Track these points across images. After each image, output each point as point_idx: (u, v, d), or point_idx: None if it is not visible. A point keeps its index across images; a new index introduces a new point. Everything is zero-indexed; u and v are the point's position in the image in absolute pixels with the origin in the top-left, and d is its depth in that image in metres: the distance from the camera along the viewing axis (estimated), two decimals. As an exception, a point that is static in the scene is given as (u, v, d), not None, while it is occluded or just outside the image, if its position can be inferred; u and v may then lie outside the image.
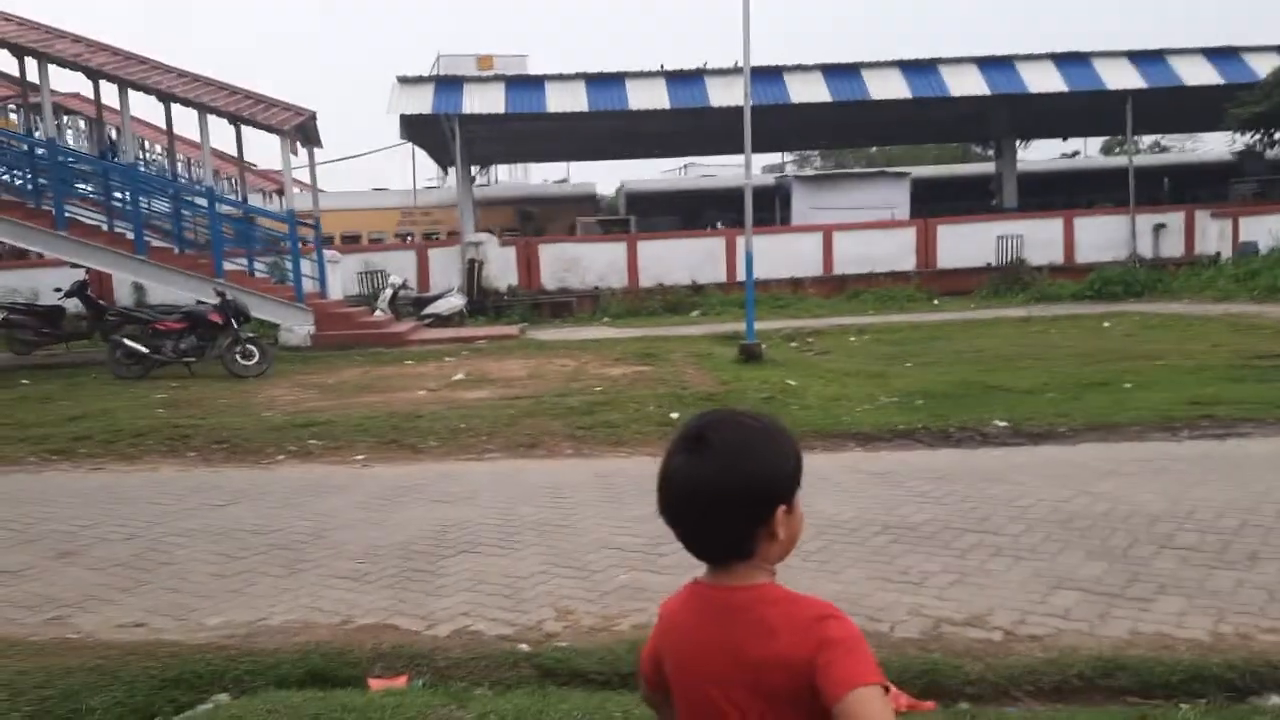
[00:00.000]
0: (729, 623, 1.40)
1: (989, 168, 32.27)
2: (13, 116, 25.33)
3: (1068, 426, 8.04)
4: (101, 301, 18.23)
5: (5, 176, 18.05)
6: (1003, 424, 8.19)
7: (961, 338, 14.96)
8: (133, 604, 4.79)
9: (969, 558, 4.87)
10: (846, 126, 29.82)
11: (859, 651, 1.33)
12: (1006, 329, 16.03)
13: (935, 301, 21.91)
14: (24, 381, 13.76)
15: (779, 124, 25.86)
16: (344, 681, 3.85)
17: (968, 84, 23.91)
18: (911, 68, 24.36)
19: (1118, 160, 33.23)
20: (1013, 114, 26.68)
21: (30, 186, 17.37)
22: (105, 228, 17.35)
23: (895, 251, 23.85)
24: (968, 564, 4.77)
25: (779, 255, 22.89)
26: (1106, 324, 16.05)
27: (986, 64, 24.35)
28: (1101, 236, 24.03)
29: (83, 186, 18.88)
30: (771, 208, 28.85)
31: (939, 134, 35.48)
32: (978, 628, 3.99)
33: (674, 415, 8.91)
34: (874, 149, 45.28)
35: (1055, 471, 6.62)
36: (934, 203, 28.62)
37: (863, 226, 24.28)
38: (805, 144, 40.68)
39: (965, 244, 23.83)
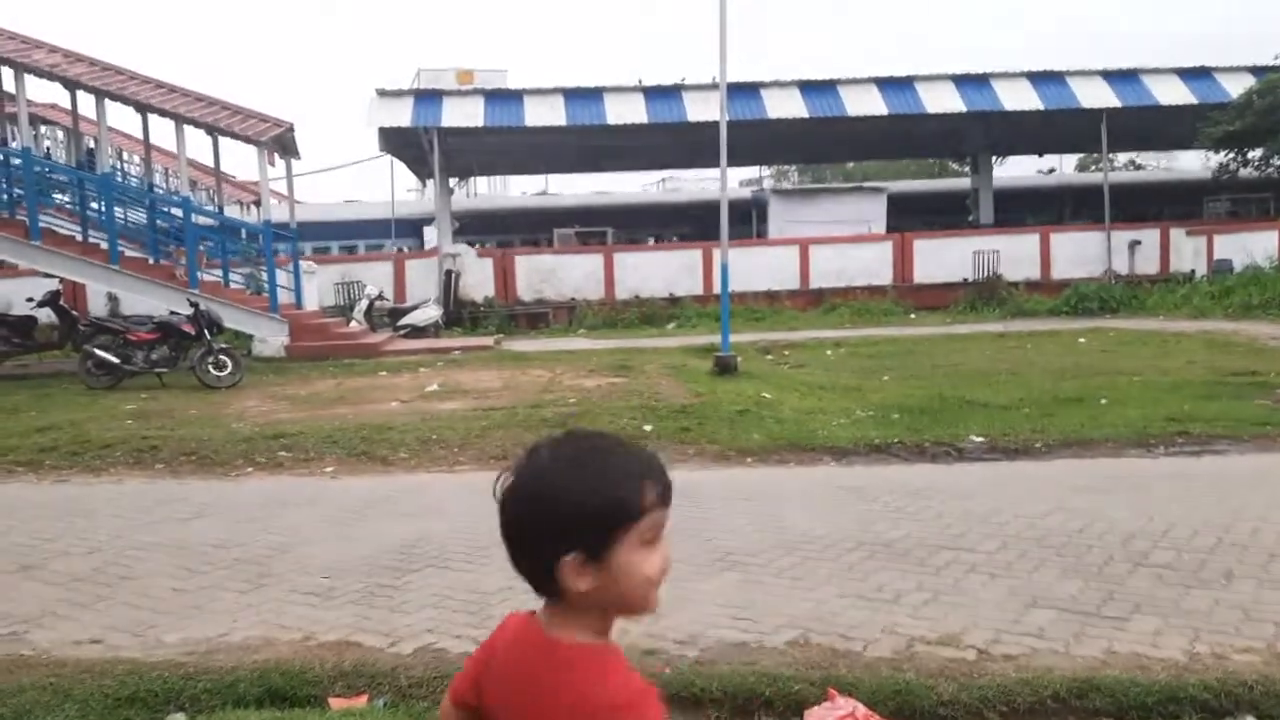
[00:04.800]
0: (539, 677, 1.26)
1: (966, 183, 32.54)
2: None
3: (1043, 442, 8.04)
4: (74, 311, 17.98)
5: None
6: (979, 439, 8.18)
7: (938, 352, 14.99)
8: (91, 620, 4.66)
9: (943, 575, 4.82)
10: (824, 142, 29.96)
11: None
12: (983, 344, 16.09)
13: (912, 315, 21.99)
14: (-10, 392, 13.52)
15: (756, 139, 25.97)
16: (304, 700, 3.75)
17: (944, 101, 24.09)
18: (888, 84, 24.52)
19: (1093, 177, 33.60)
20: (989, 131, 26.91)
21: (5, 197, 17.13)
22: (80, 238, 17.13)
23: (872, 265, 23.94)
24: (942, 582, 4.73)
25: (756, 268, 22.93)
26: (1082, 340, 16.15)
27: (963, 81, 24.55)
28: (1078, 253, 24.23)
29: (59, 196, 18.65)
30: (749, 221, 28.95)
31: (916, 150, 35.74)
32: (951, 647, 3.94)
33: (647, 428, 8.86)
34: (851, 164, 45.54)
35: (1031, 488, 6.60)
36: (911, 218, 28.81)
37: (840, 240, 24.38)
38: (783, 159, 40.87)
39: (942, 259, 23.96)
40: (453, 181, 30.27)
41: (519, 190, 46.30)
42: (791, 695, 3.54)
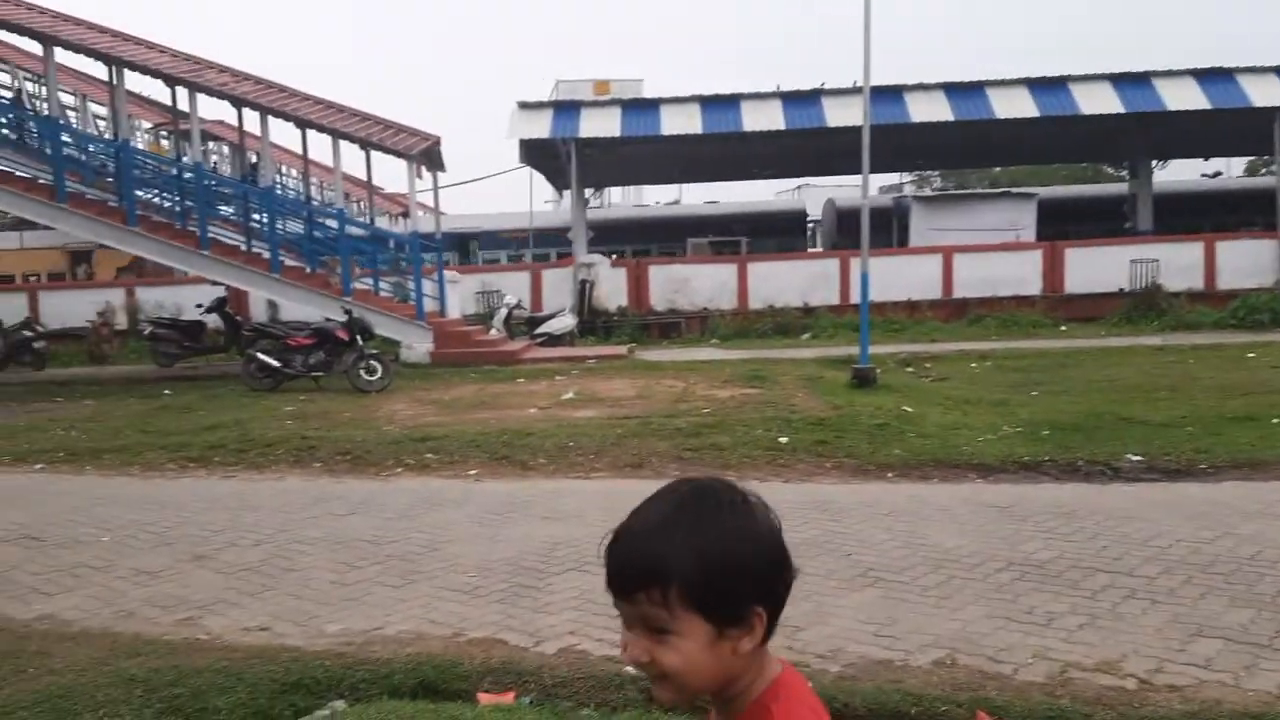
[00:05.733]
0: None
1: (1123, 188, 30.96)
2: (164, 143, 26.99)
3: (1209, 463, 7.57)
4: (238, 317, 19.19)
5: (156, 199, 19.21)
6: (1136, 458, 7.77)
7: (1091, 366, 14.30)
8: (258, 608, 4.97)
9: (1100, 599, 4.61)
10: (969, 146, 29.05)
11: None
12: (1140, 358, 15.25)
13: (1063, 328, 21.04)
14: (166, 392, 14.58)
15: (898, 144, 25.38)
16: (454, 694, 3.90)
17: (1100, 102, 22.96)
18: (1040, 86, 23.56)
19: (1264, 181, 31.41)
20: (1149, 133, 25.51)
21: (178, 209, 18.45)
22: (244, 247, 18.24)
23: (1020, 275, 23.02)
24: (1098, 606, 4.52)
25: (895, 277, 22.36)
26: (1251, 355, 15.08)
27: (1121, 81, 23.35)
28: (1246, 261, 22.63)
29: (224, 208, 19.92)
30: (889, 229, 28.34)
31: (1068, 154, 34.20)
32: (1109, 674, 3.76)
33: (783, 440, 8.78)
34: (997, 169, 43.98)
35: (1195, 510, 6.22)
36: (1062, 224, 27.60)
37: (985, 248, 23.54)
38: (925, 164, 39.83)
39: (1096, 268, 22.82)
40: (588, 192, 30.80)
41: (653, 200, 46.72)
42: (938, 716, 3.46)
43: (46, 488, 8.32)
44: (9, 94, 22.68)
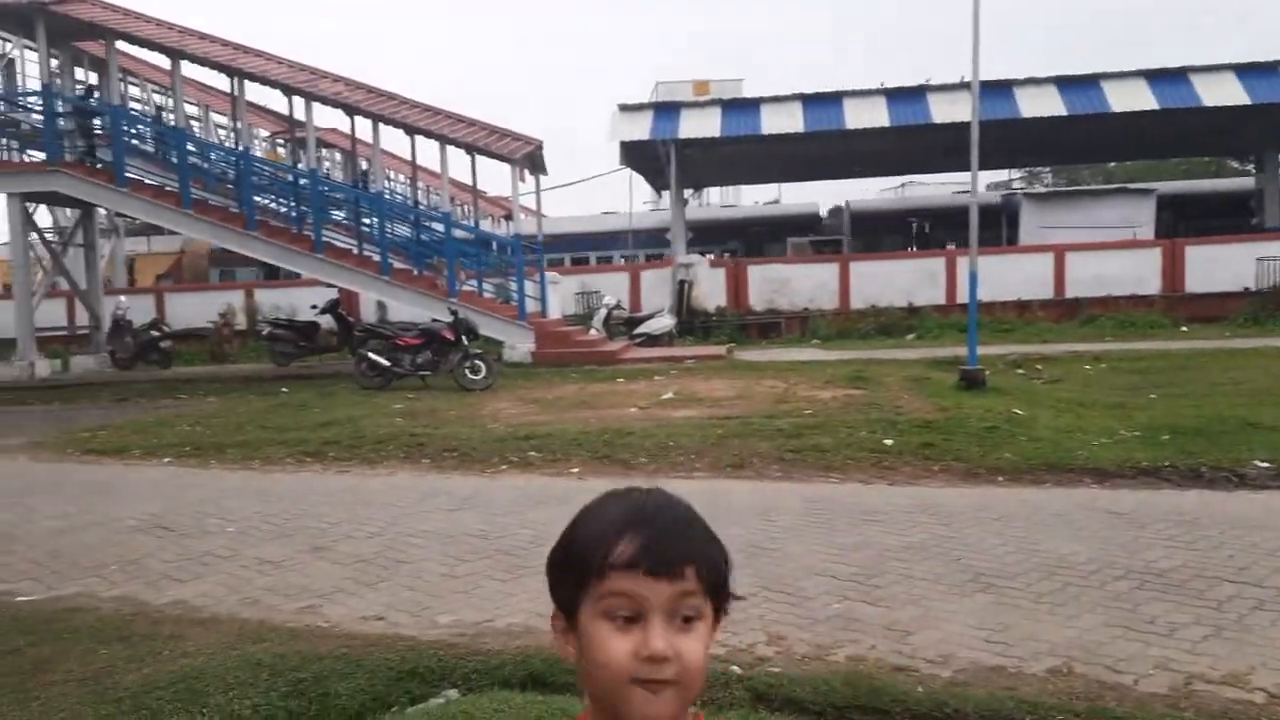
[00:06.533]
0: None
1: (1248, 183, 29.42)
2: (280, 150, 28.15)
3: (1346, 471, 7.15)
4: (350, 318, 19.89)
5: (274, 205, 20.07)
6: (1264, 464, 7.39)
7: (1214, 368, 13.64)
8: (374, 598, 5.16)
9: (1225, 610, 4.42)
10: (1082, 141, 28.03)
11: None
12: (1267, 359, 14.46)
13: (1183, 328, 20.13)
14: (283, 390, 15.21)
15: (1007, 140, 24.68)
16: (561, 687, 3.96)
17: (1224, 93, 21.90)
18: (1158, 77, 22.61)
19: None
20: (1277, 125, 24.19)
21: (294, 214, 19.23)
22: (355, 251, 18.88)
23: (1137, 273, 22.13)
24: (1224, 617, 4.33)
25: (1004, 276, 21.77)
26: (1393, 357, 14.18)
27: (1246, 71, 22.22)
28: (1387, 258, 21.28)
29: (337, 213, 20.68)
30: (997, 226, 27.58)
31: (1189, 147, 32.69)
32: (1236, 687, 3.61)
33: (887, 442, 8.64)
34: (1112, 164, 42.29)
35: (1331, 521, 5.89)
36: (1182, 221, 26.41)
37: (1100, 246, 22.70)
38: (1036, 160, 38.57)
39: (1219, 266, 21.78)
40: (687, 192, 30.83)
41: (751, 200, 46.52)
42: (1053, 726, 3.37)
43: (175, 480, 8.78)
44: (141, 107, 23.98)
